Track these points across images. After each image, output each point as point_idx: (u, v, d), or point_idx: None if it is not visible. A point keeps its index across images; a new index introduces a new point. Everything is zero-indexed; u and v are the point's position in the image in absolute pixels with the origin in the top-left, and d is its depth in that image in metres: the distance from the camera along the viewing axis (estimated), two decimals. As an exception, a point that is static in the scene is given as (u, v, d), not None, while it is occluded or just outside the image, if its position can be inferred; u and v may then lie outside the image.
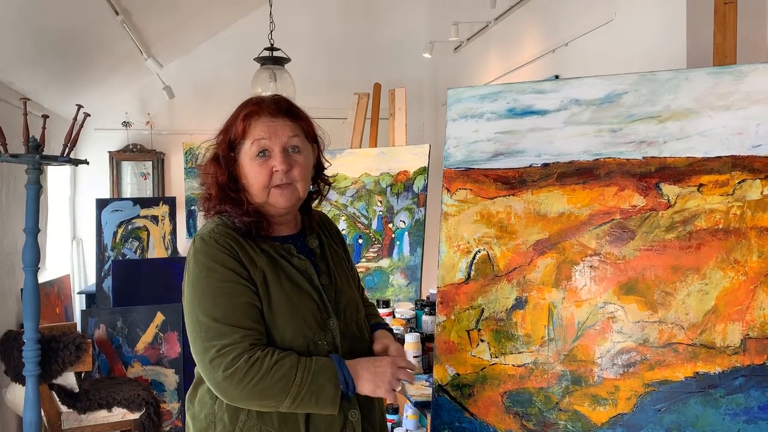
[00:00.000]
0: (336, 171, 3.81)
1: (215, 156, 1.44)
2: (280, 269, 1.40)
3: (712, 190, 1.55)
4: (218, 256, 1.35)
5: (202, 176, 1.47)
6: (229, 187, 1.42)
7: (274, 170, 1.40)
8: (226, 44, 5.00)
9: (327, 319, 1.43)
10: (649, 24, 2.39)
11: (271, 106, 1.43)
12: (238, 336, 1.30)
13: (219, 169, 1.42)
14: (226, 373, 1.28)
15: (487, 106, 1.83)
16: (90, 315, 3.91)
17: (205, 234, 1.39)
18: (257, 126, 1.41)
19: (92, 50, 3.68)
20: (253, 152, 1.40)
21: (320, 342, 1.39)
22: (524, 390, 1.70)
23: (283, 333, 1.36)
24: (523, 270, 1.74)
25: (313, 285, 1.43)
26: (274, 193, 1.41)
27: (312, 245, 1.51)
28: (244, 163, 1.41)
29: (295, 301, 1.39)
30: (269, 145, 1.40)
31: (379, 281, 3.53)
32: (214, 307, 1.32)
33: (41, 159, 2.68)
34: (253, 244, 1.40)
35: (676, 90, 1.61)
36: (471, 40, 4.22)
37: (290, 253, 1.45)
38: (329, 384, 1.32)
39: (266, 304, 1.36)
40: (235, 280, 1.34)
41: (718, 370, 1.50)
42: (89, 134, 4.73)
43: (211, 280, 1.34)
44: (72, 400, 3.12)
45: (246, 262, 1.37)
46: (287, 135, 1.41)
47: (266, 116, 1.42)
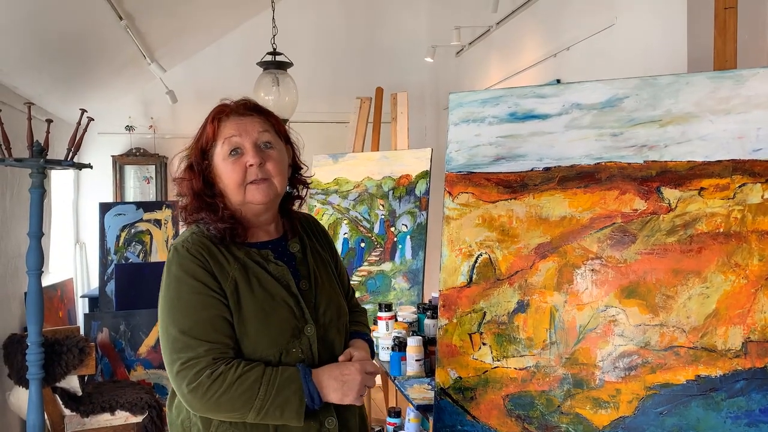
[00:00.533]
0: (338, 175, 3.82)
1: (189, 164, 1.44)
2: (253, 277, 1.39)
3: (713, 193, 1.56)
4: (189, 267, 1.35)
5: (178, 186, 1.46)
6: (205, 194, 1.41)
7: (248, 165, 1.39)
8: (229, 49, 5.02)
9: (304, 326, 1.41)
10: (649, 28, 2.40)
11: (238, 106, 1.45)
12: (202, 350, 1.30)
13: (194, 176, 1.42)
14: (190, 387, 1.29)
15: (489, 111, 1.84)
16: (93, 318, 3.93)
17: (179, 244, 1.39)
18: (226, 125, 1.41)
19: (96, 54, 3.70)
20: (225, 151, 1.40)
21: (294, 350, 1.38)
22: (526, 393, 1.71)
23: (255, 342, 1.35)
24: (525, 273, 1.75)
25: (290, 292, 1.42)
26: (251, 189, 1.40)
27: (293, 249, 1.50)
28: (218, 164, 1.41)
29: (268, 310, 1.37)
30: (240, 142, 1.40)
31: (381, 285, 3.54)
32: (183, 318, 1.32)
33: (45, 163, 2.69)
34: (227, 253, 1.39)
35: (677, 94, 1.62)
36: (473, 44, 4.24)
37: (267, 260, 1.43)
38: (294, 397, 1.32)
39: (237, 314, 1.35)
40: (205, 292, 1.34)
41: (719, 373, 1.51)
42: (93, 138, 4.75)
43: (181, 292, 1.34)
44: (75, 404, 3.13)
45: (217, 271, 1.36)
46: (257, 130, 1.42)
47: (234, 115, 1.43)
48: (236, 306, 1.35)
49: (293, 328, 1.39)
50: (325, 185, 3.85)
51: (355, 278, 3.62)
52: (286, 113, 3.90)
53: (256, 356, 1.35)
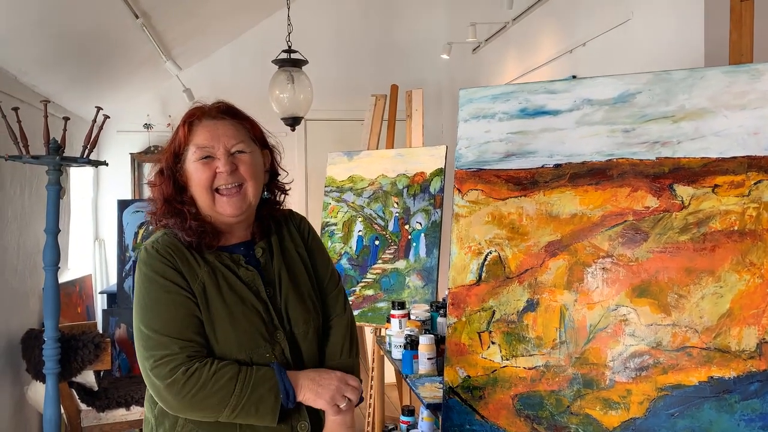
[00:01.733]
0: (353, 172, 3.82)
1: (160, 169, 1.41)
2: (223, 281, 1.37)
3: (727, 191, 1.52)
4: (158, 266, 1.34)
5: (150, 190, 1.43)
6: (174, 200, 1.38)
7: (217, 171, 1.36)
8: (246, 48, 5.04)
9: (274, 331, 1.39)
10: (666, 23, 2.36)
11: (212, 109, 1.41)
12: (176, 347, 1.29)
13: (164, 181, 1.39)
14: (165, 383, 1.28)
15: (499, 107, 1.82)
16: (111, 314, 3.97)
17: (149, 244, 1.38)
18: (199, 130, 1.38)
19: (113, 53, 3.73)
20: (196, 156, 1.37)
21: (267, 355, 1.37)
22: (535, 393, 1.68)
23: (224, 346, 1.34)
24: (535, 272, 1.73)
25: (260, 297, 1.39)
26: (222, 201, 1.37)
27: (257, 254, 1.45)
28: (188, 167, 1.38)
29: (237, 315, 1.35)
30: (212, 151, 1.36)
31: (395, 283, 3.52)
32: (154, 317, 1.32)
33: (61, 160, 2.72)
34: (198, 255, 1.37)
35: (691, 89, 1.59)
36: (489, 41, 4.20)
37: (238, 264, 1.41)
38: (269, 394, 1.31)
39: (206, 317, 1.34)
40: (175, 290, 1.33)
41: (733, 375, 1.47)
42: (111, 136, 4.80)
43: (152, 291, 1.33)
44: (91, 398, 3.17)
45: (186, 272, 1.34)
46: (231, 139, 1.38)
47: (207, 119, 1.39)
48: (205, 308, 1.34)
49: (263, 334, 1.37)
50: (340, 183, 3.85)
51: (369, 276, 3.62)
52: (300, 111, 3.90)
53: (225, 359, 1.33)
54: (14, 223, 3.11)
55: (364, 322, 3.53)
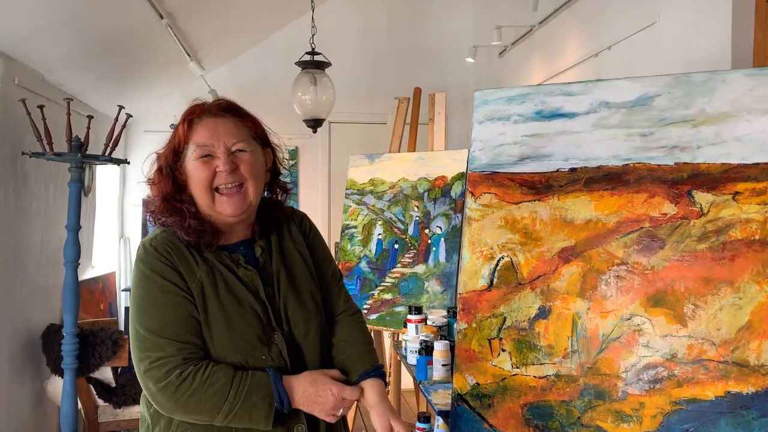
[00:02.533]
0: (374, 175, 3.80)
1: (159, 167, 1.39)
2: (221, 281, 1.35)
3: (748, 198, 1.46)
4: (156, 265, 1.32)
5: (150, 188, 1.41)
6: (174, 198, 1.36)
7: (217, 170, 1.34)
8: (272, 50, 5.06)
9: (272, 333, 1.36)
10: (693, 26, 2.29)
11: (212, 107, 1.39)
12: (172, 349, 1.27)
13: (162, 180, 1.37)
14: (158, 386, 1.26)
15: (515, 109, 1.78)
16: (132, 312, 4.00)
17: (147, 241, 1.36)
18: (199, 128, 1.35)
19: (139, 53, 3.78)
20: (196, 155, 1.34)
21: (263, 357, 1.34)
22: (545, 403, 1.64)
23: (219, 348, 1.32)
24: (548, 278, 1.68)
25: (258, 298, 1.37)
26: (222, 201, 1.35)
27: (256, 253, 1.43)
28: (187, 166, 1.36)
29: (233, 316, 1.33)
30: (212, 149, 1.34)
31: (414, 287, 3.49)
32: (150, 318, 1.29)
33: (83, 158, 2.75)
34: (196, 254, 1.35)
35: (712, 92, 1.53)
36: (515, 44, 4.16)
37: (237, 263, 1.38)
38: (263, 401, 1.28)
39: (203, 318, 1.32)
40: (173, 290, 1.31)
41: (751, 390, 1.41)
42: (139, 136, 4.86)
43: (149, 290, 1.31)
44: (108, 395, 3.20)
45: (184, 271, 1.33)
46: (231, 138, 1.36)
47: (208, 116, 1.37)
48: (202, 309, 1.32)
49: (260, 336, 1.35)
50: (361, 185, 3.83)
51: (388, 280, 3.59)
52: (322, 112, 3.90)
53: (221, 362, 1.31)
54: (38, 219, 3.16)
55: (382, 326, 3.51)
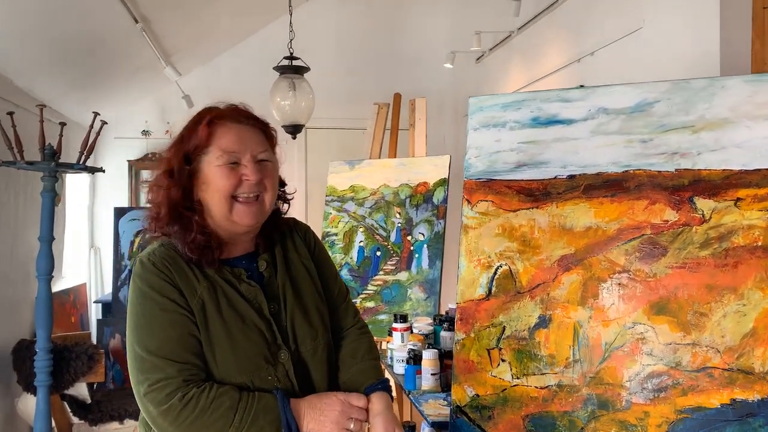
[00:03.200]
0: (354, 182, 3.75)
1: (169, 170, 1.28)
2: (223, 297, 1.28)
3: (750, 204, 1.46)
4: (155, 282, 1.25)
5: (151, 193, 1.31)
6: (182, 205, 1.28)
7: (244, 179, 1.27)
8: (247, 54, 4.99)
9: (277, 351, 1.30)
10: (679, 32, 2.31)
11: (234, 112, 1.33)
12: (172, 370, 1.20)
13: (172, 184, 1.27)
14: (160, 410, 1.19)
15: (510, 115, 1.76)
16: (106, 324, 3.89)
17: (145, 256, 1.29)
18: (224, 134, 1.28)
19: (112, 58, 3.68)
20: (221, 161, 1.27)
21: (269, 377, 1.28)
22: (547, 414, 1.61)
23: (223, 368, 1.25)
24: (547, 287, 1.66)
25: (262, 315, 1.31)
26: (240, 210, 1.28)
27: (261, 268, 1.37)
28: (207, 171, 1.27)
29: (236, 334, 1.26)
30: (239, 156, 1.28)
31: (397, 295, 3.45)
32: (149, 337, 1.22)
33: (57, 166, 2.66)
34: (196, 269, 1.28)
35: (711, 98, 1.53)
36: (493, 50, 4.16)
37: (240, 279, 1.32)
38: (270, 426, 1.22)
39: (204, 336, 1.25)
40: (173, 309, 1.24)
41: (756, 398, 1.40)
42: (109, 143, 4.74)
43: (146, 308, 1.24)
44: (84, 411, 3.09)
45: (184, 288, 1.26)
46: (258, 146, 1.31)
47: (232, 122, 1.30)
48: (203, 327, 1.25)
49: (265, 355, 1.29)
50: (341, 192, 3.78)
51: (371, 287, 3.54)
52: (302, 118, 3.84)
53: (224, 383, 1.25)
54: (7, 230, 3.04)
55: (365, 334, 3.45)
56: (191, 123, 1.31)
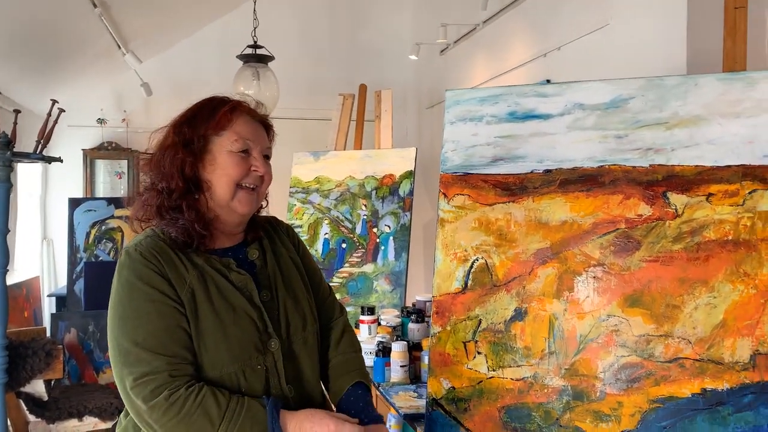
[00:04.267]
0: (319, 173, 3.72)
1: (185, 140, 1.28)
2: (213, 286, 1.27)
3: (721, 200, 1.50)
4: (143, 272, 1.23)
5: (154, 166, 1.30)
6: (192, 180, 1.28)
7: (252, 170, 1.32)
8: (207, 42, 4.88)
9: (268, 340, 1.30)
10: (646, 29, 2.35)
11: (251, 108, 1.37)
12: (159, 363, 1.18)
13: (187, 157, 1.27)
14: (145, 406, 1.17)
15: (487, 109, 1.77)
16: (60, 318, 3.77)
17: (131, 247, 1.27)
18: (241, 122, 1.32)
19: (68, 44, 3.55)
20: (235, 147, 1.30)
21: (258, 366, 1.27)
22: (523, 405, 1.63)
23: (214, 357, 1.23)
24: (523, 280, 1.68)
25: (253, 303, 1.30)
26: (241, 197, 1.31)
27: (252, 256, 1.38)
28: (218, 154, 1.29)
29: (228, 323, 1.25)
30: (252, 145, 1.32)
31: (363, 287, 3.45)
32: (135, 329, 1.20)
33: (12, 156, 2.55)
34: (185, 259, 1.27)
35: (685, 96, 1.56)
36: (458, 42, 4.17)
37: (229, 268, 1.31)
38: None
39: (194, 326, 1.23)
40: (160, 299, 1.22)
41: (726, 387, 1.45)
42: (62, 131, 4.55)
43: (134, 299, 1.22)
44: (41, 409, 2.99)
45: (173, 278, 1.24)
46: (265, 142, 1.37)
47: (248, 116, 1.35)
48: (193, 317, 1.23)
49: (256, 343, 1.28)
50: (306, 184, 3.75)
51: (336, 280, 3.53)
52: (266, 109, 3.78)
53: (215, 372, 1.23)
54: (-42, 222, 2.90)
55: (330, 327, 3.44)
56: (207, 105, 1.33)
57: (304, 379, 1.36)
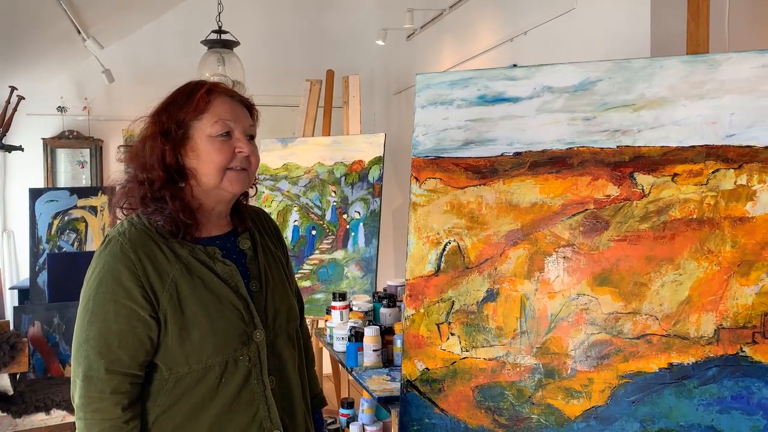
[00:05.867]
0: (288, 160, 3.70)
1: (163, 130, 1.25)
2: (197, 278, 1.25)
3: (686, 179, 1.54)
4: (115, 267, 1.20)
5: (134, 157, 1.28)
6: (174, 169, 1.25)
7: (237, 151, 1.27)
8: (171, 27, 4.78)
9: (253, 331, 1.29)
10: (611, 13, 2.39)
11: (228, 89, 1.33)
12: (98, 365, 1.18)
13: (167, 147, 1.24)
14: (76, 402, 1.20)
15: (458, 93, 1.78)
16: (24, 311, 3.69)
17: (114, 235, 1.24)
18: (220, 104, 1.27)
19: (25, 29, 3.44)
20: (214, 131, 1.25)
21: (241, 357, 1.27)
22: (496, 384, 1.66)
23: (199, 349, 1.22)
24: (495, 261, 1.70)
25: (239, 294, 1.29)
26: (231, 177, 1.27)
27: (243, 246, 1.36)
28: (199, 140, 1.26)
29: (214, 314, 1.24)
30: (233, 126, 1.28)
31: (334, 273, 3.45)
32: (90, 325, 1.20)
33: (-30, 144, 2.47)
34: (168, 250, 1.25)
35: (651, 78, 1.59)
36: (424, 28, 4.16)
37: (214, 258, 1.29)
38: None
39: (179, 319, 1.22)
40: (123, 301, 1.20)
41: (691, 361, 1.50)
42: (21, 119, 4.42)
43: (98, 294, 1.20)
44: (6, 404, 2.93)
45: (153, 275, 1.21)
46: (247, 121, 1.32)
47: (226, 96, 1.30)
48: (177, 310, 1.22)
49: (241, 334, 1.27)
50: (274, 171, 3.72)
51: (306, 267, 3.52)
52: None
53: (201, 364, 1.23)
54: None
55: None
56: (183, 91, 1.29)
57: (285, 370, 1.35)
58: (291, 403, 1.36)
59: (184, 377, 1.23)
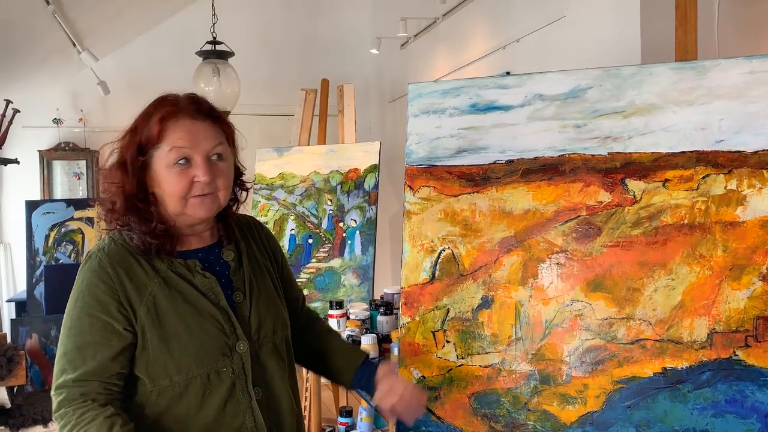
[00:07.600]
0: (283, 169, 3.71)
1: (121, 161, 1.26)
2: (176, 292, 1.26)
3: (677, 185, 1.55)
4: (92, 282, 1.23)
5: (105, 183, 1.29)
6: (137, 197, 1.25)
7: (195, 180, 1.24)
8: (165, 38, 4.80)
9: (235, 342, 1.29)
10: (602, 20, 2.41)
11: (189, 107, 1.27)
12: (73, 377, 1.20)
13: (125, 177, 1.25)
14: (55, 413, 1.22)
15: (450, 102, 1.79)
16: (21, 324, 3.69)
17: (94, 253, 1.26)
18: (176, 129, 1.23)
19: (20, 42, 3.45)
20: (170, 159, 1.23)
21: (224, 369, 1.27)
22: (492, 391, 1.67)
23: (180, 361, 1.23)
24: (489, 268, 1.71)
25: (219, 306, 1.29)
26: (193, 204, 1.26)
27: (227, 258, 1.36)
28: (158, 170, 1.25)
29: (193, 326, 1.25)
30: (190, 153, 1.24)
31: (331, 281, 3.45)
32: (69, 338, 1.22)
33: (-34, 158, 2.48)
34: (147, 265, 1.26)
35: (640, 85, 1.61)
36: (418, 36, 4.19)
37: (194, 271, 1.29)
38: None
39: (158, 332, 1.23)
40: (97, 315, 1.21)
41: (685, 365, 1.50)
42: (16, 132, 4.43)
43: (76, 308, 1.23)
44: (4, 417, 2.92)
45: (131, 289, 1.23)
46: (210, 142, 1.26)
47: (185, 118, 1.25)
48: (156, 323, 1.23)
49: (222, 346, 1.27)
50: (270, 180, 3.73)
51: (303, 275, 3.53)
52: (227, 105, 3.75)
53: (182, 376, 1.24)
54: None
55: (299, 322, 3.44)
56: (144, 114, 1.27)
57: (272, 381, 1.35)
58: (278, 413, 1.36)
59: (166, 389, 1.24)
